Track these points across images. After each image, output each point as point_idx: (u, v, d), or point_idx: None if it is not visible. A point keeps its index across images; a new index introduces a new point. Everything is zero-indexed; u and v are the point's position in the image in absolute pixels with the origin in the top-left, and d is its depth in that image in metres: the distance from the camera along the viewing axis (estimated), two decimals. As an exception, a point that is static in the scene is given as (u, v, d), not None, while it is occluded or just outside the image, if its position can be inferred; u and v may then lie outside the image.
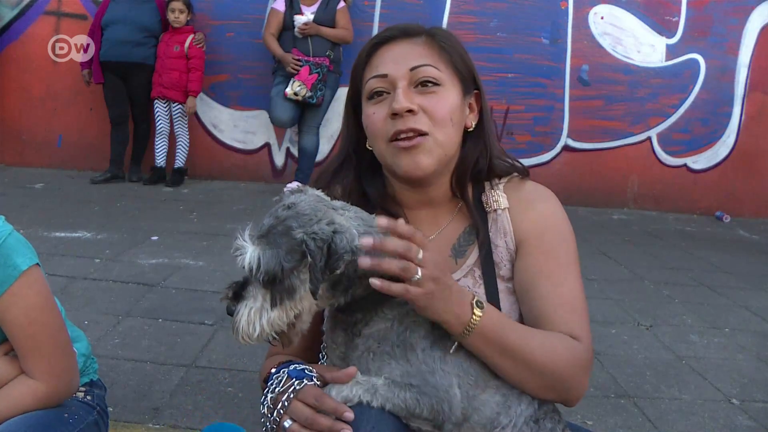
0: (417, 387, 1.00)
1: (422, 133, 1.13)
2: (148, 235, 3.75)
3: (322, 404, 0.98)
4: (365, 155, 1.24)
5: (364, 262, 0.95)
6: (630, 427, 2.02)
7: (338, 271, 0.96)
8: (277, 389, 1.02)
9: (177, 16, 5.21)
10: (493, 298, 1.17)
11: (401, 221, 0.98)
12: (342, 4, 5.21)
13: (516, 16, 5.68)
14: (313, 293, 0.96)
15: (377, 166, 1.23)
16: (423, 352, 1.03)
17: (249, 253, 0.95)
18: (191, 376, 2.10)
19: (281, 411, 0.99)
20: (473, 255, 1.20)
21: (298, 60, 5.02)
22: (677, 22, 5.81)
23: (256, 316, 0.97)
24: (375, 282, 0.95)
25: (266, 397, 1.03)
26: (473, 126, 1.21)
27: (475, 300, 1.03)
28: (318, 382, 1.02)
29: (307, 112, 5.21)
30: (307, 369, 1.04)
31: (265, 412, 1.02)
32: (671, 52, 5.83)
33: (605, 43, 5.79)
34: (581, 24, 5.75)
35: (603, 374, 2.35)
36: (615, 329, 2.85)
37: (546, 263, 1.16)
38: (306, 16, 5.06)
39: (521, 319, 1.19)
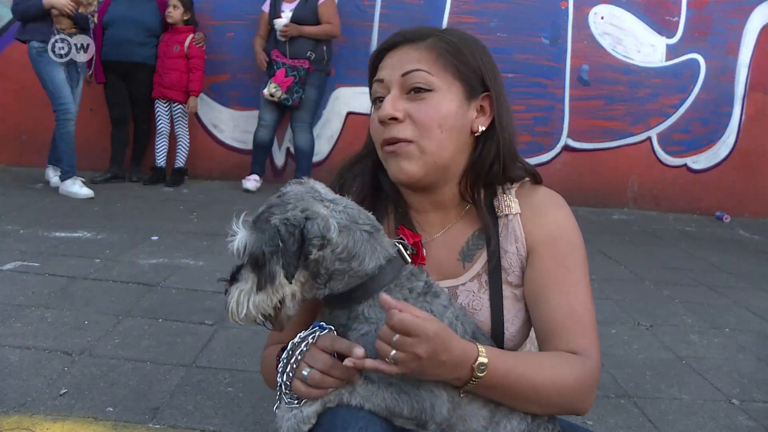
0: (397, 385, 1.00)
1: (407, 140, 1.12)
2: (148, 235, 3.75)
3: (337, 345, 1.00)
4: None
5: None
6: (630, 427, 2.02)
7: (311, 257, 0.98)
8: (296, 340, 1.03)
9: (170, 11, 5.21)
10: (497, 304, 1.16)
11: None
12: None
13: (516, 16, 5.68)
14: (288, 278, 0.98)
15: None
16: None
17: (238, 237, 1.00)
18: (191, 376, 2.10)
19: (299, 357, 1.00)
20: (481, 260, 1.19)
21: (276, 61, 5.06)
22: (677, 22, 5.81)
23: (245, 298, 1.00)
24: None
25: (288, 346, 1.04)
26: (479, 130, 1.17)
27: (477, 363, 0.99)
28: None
29: (294, 111, 5.25)
30: (330, 328, 1.04)
31: (284, 360, 1.03)
32: (671, 52, 5.83)
33: (605, 43, 5.79)
34: (581, 24, 5.75)
35: (603, 374, 2.35)
36: (615, 329, 2.85)
37: (557, 273, 1.14)
38: (284, 17, 5.05)
39: (525, 325, 1.18)
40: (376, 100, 1.17)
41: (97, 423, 1.78)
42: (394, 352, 0.92)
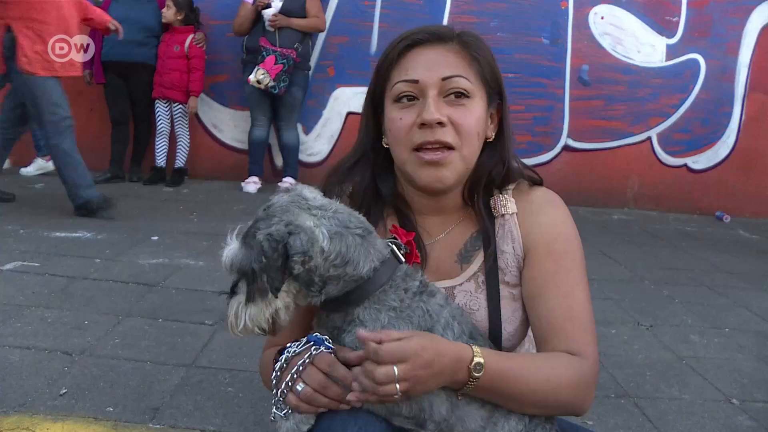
0: None
1: (449, 147, 1.11)
2: (148, 235, 3.75)
3: (333, 371, 1.00)
4: (380, 152, 1.22)
5: (352, 398, 0.97)
6: (630, 427, 2.02)
7: (295, 272, 0.97)
8: (293, 350, 1.04)
9: (163, 11, 5.24)
10: (494, 304, 1.16)
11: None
12: None
13: (516, 16, 5.68)
14: (273, 292, 0.97)
15: (390, 164, 1.22)
16: None
17: (225, 252, 1.00)
18: (191, 376, 2.10)
19: (295, 375, 1.01)
20: (478, 260, 1.19)
21: (265, 48, 5.03)
22: (677, 22, 5.81)
23: (242, 310, 1.00)
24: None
25: (282, 358, 1.04)
26: (493, 137, 1.19)
27: (474, 364, 0.99)
28: (332, 351, 1.03)
29: (281, 110, 5.25)
30: (326, 339, 1.04)
31: (277, 372, 1.04)
32: (671, 52, 5.83)
33: (605, 43, 5.79)
34: (581, 24, 5.75)
35: (603, 374, 2.35)
36: (615, 329, 2.85)
37: (555, 273, 1.14)
38: (274, 7, 5.04)
39: (523, 324, 1.18)
40: (402, 99, 1.14)
41: (97, 423, 1.78)
42: (398, 386, 0.93)
